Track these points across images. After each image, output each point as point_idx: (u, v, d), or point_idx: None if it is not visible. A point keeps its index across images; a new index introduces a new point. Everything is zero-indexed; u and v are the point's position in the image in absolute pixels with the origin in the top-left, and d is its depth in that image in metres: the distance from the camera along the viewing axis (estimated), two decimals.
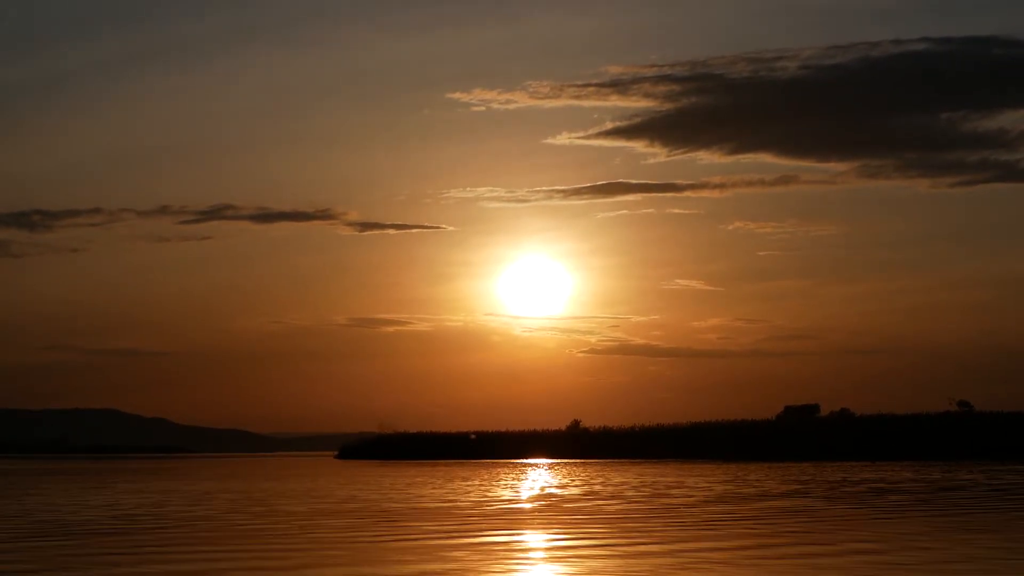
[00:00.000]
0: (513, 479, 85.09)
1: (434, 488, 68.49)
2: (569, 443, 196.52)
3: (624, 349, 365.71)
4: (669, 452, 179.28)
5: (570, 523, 39.33)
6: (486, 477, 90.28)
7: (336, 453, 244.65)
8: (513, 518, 41.93)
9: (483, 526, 38.39)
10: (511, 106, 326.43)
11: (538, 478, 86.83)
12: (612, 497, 55.36)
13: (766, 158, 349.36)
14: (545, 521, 40.38)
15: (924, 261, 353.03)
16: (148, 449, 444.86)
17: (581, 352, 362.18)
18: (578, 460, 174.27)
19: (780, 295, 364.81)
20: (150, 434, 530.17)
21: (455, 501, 53.26)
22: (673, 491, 60.51)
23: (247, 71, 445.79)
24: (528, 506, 48.94)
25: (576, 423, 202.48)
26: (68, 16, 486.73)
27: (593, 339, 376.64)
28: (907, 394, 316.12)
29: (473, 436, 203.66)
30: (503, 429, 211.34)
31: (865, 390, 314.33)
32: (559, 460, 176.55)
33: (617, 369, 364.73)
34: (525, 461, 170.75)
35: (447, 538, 33.87)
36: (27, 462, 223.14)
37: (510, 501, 52.96)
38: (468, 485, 73.05)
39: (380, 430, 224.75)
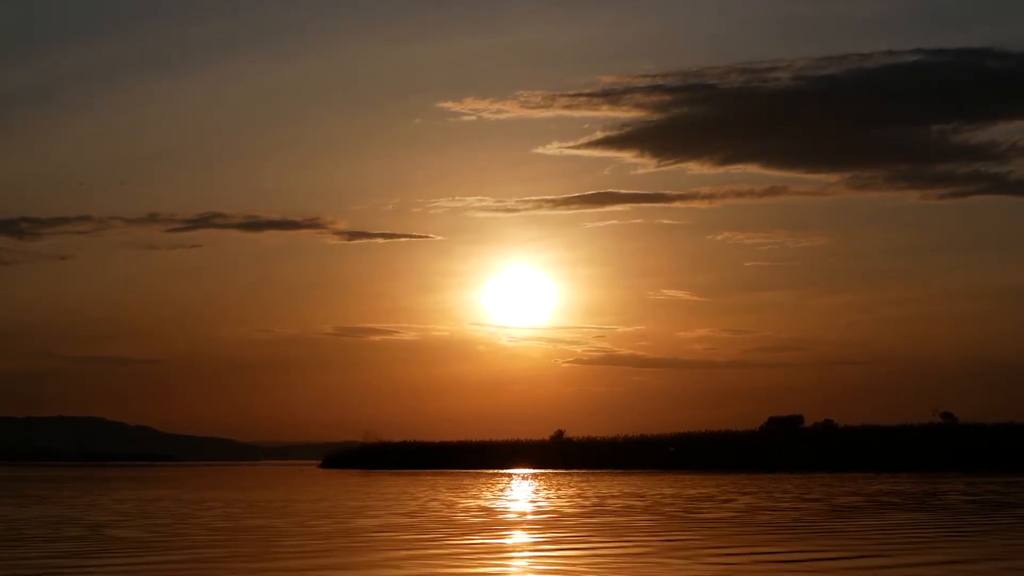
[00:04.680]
0: (543, 488, 78.86)
1: (482, 499, 62.09)
2: (553, 453, 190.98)
3: (610, 359, 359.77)
4: (653, 462, 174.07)
5: (745, 536, 33.28)
6: (509, 486, 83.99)
7: (320, 462, 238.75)
8: (665, 529, 35.89)
9: (661, 536, 32.38)
10: (502, 115, 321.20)
11: (558, 488, 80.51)
12: (705, 508, 49.31)
13: (756, 169, 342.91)
14: (722, 532, 34.33)
15: (912, 273, 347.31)
16: (132, 457, 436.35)
17: (567, 362, 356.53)
18: (562, 470, 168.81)
19: (766, 306, 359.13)
20: (134, 442, 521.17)
21: (547, 510, 47.06)
22: (737, 502, 54.37)
23: (237, 79, 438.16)
24: (642, 516, 42.76)
25: (560, 433, 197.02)
26: (57, 24, 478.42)
27: (579, 349, 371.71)
28: (891, 406, 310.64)
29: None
30: (487, 439, 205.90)
31: (850, 401, 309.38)
32: (543, 470, 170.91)
33: (602, 379, 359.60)
34: (509, 471, 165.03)
35: (642, 551, 27.83)
36: (22, 470, 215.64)
37: (610, 511, 46.79)
38: (512, 493, 66.84)
39: (364, 439, 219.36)
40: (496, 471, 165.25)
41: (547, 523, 40.15)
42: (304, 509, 51.69)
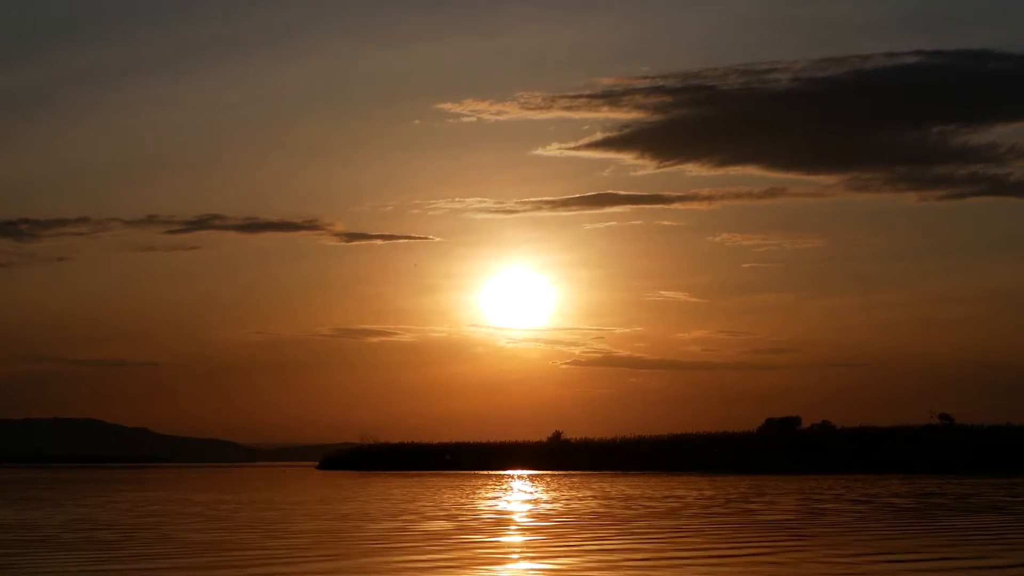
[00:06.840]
0: (554, 489, 76.90)
1: (517, 500, 60.16)
2: (550, 454, 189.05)
3: (608, 361, 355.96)
4: (650, 464, 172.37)
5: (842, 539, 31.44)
6: (522, 488, 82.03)
7: (316, 464, 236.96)
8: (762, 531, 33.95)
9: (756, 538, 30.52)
10: (502, 117, 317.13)
11: (573, 489, 78.62)
12: (752, 509, 47.44)
13: (755, 171, 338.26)
14: (809, 533, 32.46)
15: (910, 274, 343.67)
16: (129, 459, 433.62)
17: (565, 364, 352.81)
18: (559, 472, 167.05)
19: (764, 308, 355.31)
20: (132, 444, 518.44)
21: (589, 511, 45.15)
22: (778, 504, 52.42)
23: (235, 81, 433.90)
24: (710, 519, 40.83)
25: (557, 434, 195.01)
26: (56, 26, 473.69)
27: (577, 351, 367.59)
28: (889, 407, 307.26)
29: (448, 456, 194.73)
30: (484, 440, 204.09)
31: (847, 403, 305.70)
32: (540, 472, 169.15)
33: (600, 381, 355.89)
34: (507, 472, 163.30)
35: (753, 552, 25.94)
36: (26, 472, 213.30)
37: (657, 513, 44.87)
38: (534, 495, 64.95)
39: (361, 441, 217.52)
40: (493, 472, 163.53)
41: (612, 524, 38.24)
42: (346, 511, 49.74)
